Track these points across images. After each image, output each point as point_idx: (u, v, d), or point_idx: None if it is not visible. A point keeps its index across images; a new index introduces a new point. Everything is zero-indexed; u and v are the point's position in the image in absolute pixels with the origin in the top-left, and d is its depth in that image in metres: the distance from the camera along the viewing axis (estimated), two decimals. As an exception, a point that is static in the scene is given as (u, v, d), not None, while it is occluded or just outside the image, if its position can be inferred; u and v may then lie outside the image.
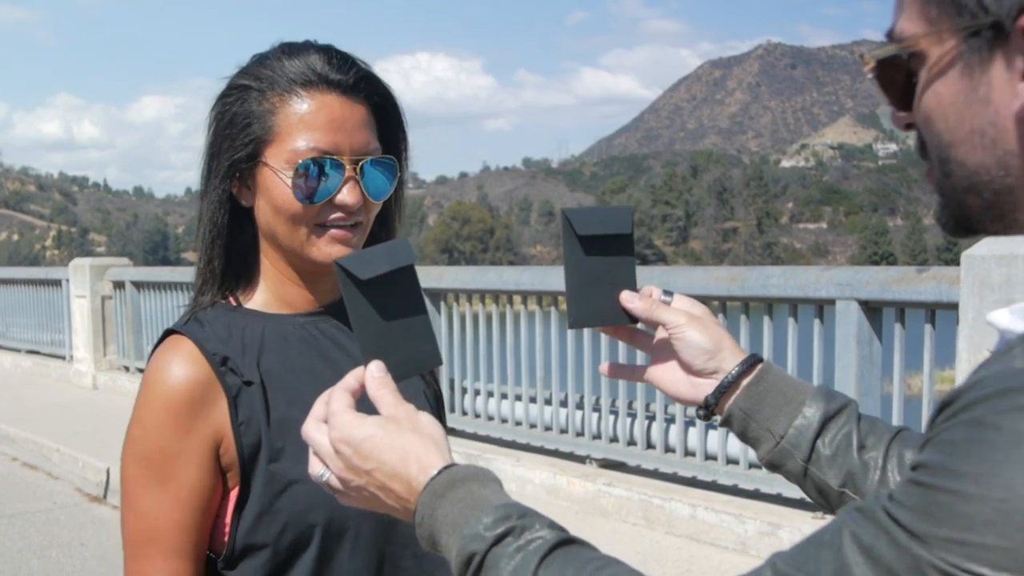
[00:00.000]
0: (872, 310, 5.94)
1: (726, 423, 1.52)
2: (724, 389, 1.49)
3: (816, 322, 6.27)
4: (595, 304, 1.57)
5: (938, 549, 0.82)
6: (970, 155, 0.95)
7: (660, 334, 1.56)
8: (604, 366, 1.71)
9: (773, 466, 1.48)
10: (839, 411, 1.45)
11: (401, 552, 1.76)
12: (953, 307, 5.21)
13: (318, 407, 1.34)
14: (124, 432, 1.69)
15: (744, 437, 1.51)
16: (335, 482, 1.29)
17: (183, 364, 1.66)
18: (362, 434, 1.25)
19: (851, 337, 5.90)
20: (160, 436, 1.64)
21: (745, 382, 1.49)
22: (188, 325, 1.72)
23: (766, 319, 6.56)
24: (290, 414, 1.68)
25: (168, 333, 1.73)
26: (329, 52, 1.71)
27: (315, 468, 1.32)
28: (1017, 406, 0.81)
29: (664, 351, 1.56)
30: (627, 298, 1.55)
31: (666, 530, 6.74)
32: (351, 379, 1.35)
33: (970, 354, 4.93)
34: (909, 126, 1.03)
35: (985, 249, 4.91)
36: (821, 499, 1.46)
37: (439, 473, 1.21)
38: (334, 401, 1.31)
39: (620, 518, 7.08)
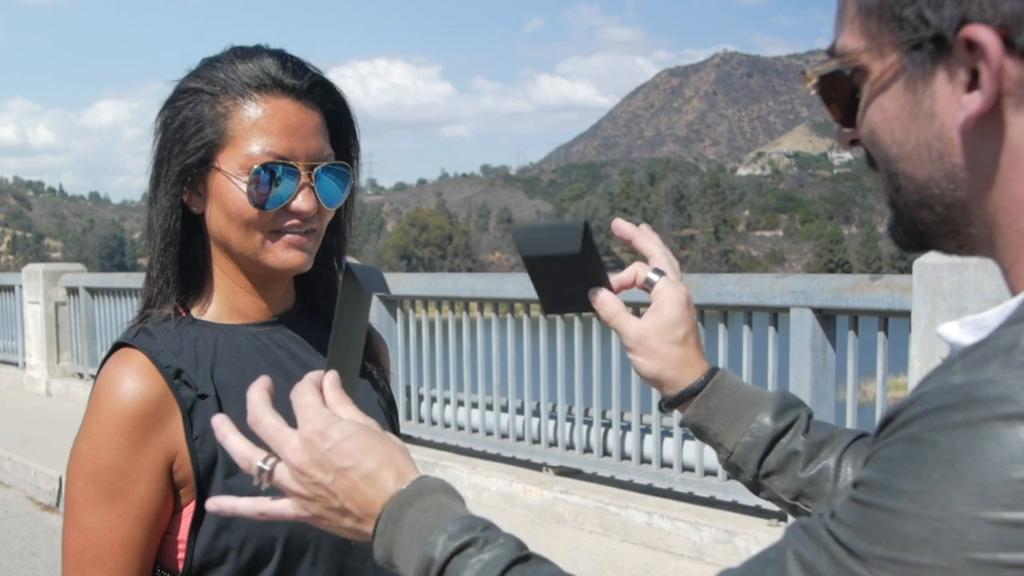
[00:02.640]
0: (826, 318, 5.97)
1: (684, 425, 1.53)
2: (674, 403, 1.50)
3: (771, 329, 6.30)
4: (565, 297, 1.53)
5: (876, 567, 0.82)
6: (919, 169, 0.95)
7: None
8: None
9: (731, 469, 1.50)
10: (790, 426, 1.45)
11: (360, 566, 1.74)
12: (906, 315, 5.26)
13: (262, 395, 1.29)
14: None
15: (704, 441, 1.52)
16: (282, 475, 1.24)
17: (135, 378, 1.63)
18: (342, 433, 1.22)
19: (805, 344, 5.94)
20: (111, 452, 1.60)
21: (696, 398, 1.49)
22: (138, 337, 1.69)
23: (721, 326, 6.58)
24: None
25: (118, 346, 1.70)
26: (283, 56, 1.68)
27: (253, 455, 1.26)
28: (953, 423, 0.81)
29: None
30: (594, 296, 1.51)
31: (622, 538, 6.75)
32: (315, 376, 1.31)
33: (922, 361, 4.98)
34: (853, 142, 1.03)
35: (937, 257, 4.95)
36: (780, 505, 1.48)
37: (412, 483, 1.20)
38: (305, 394, 1.27)
39: (576, 526, 7.09)
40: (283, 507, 1.25)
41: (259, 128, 1.63)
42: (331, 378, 1.32)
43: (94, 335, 13.57)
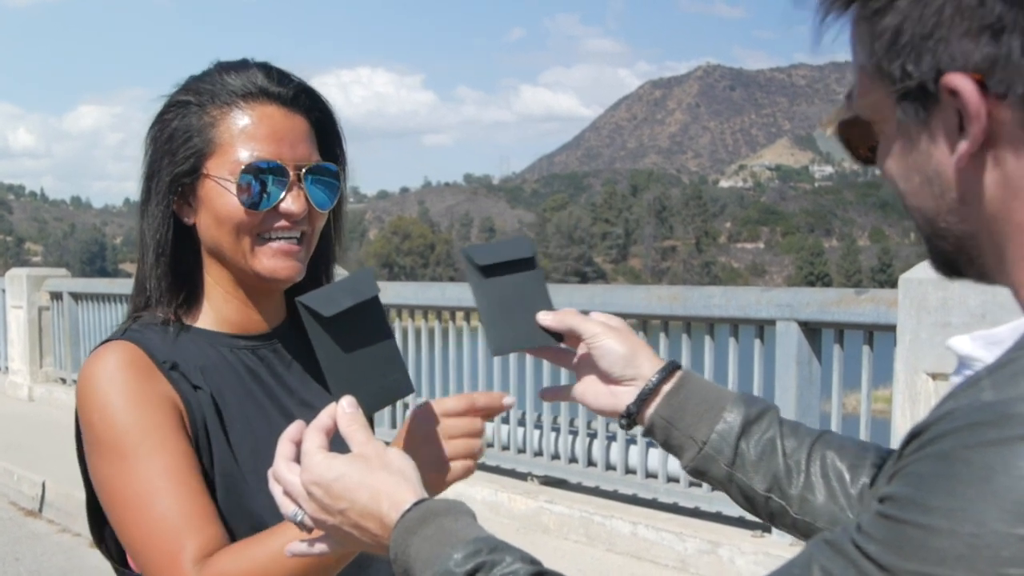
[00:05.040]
0: (811, 331, 6.01)
1: (649, 433, 1.54)
2: (645, 396, 1.51)
3: (756, 342, 6.34)
4: (514, 329, 1.57)
5: None
6: (925, 204, 0.99)
7: (580, 350, 1.58)
8: (540, 392, 1.75)
9: (698, 473, 1.50)
10: (760, 415, 1.47)
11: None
12: (891, 329, 5.30)
13: (285, 446, 1.35)
14: (68, 446, 1.60)
15: (667, 446, 1.52)
16: (309, 522, 1.31)
17: (124, 355, 1.62)
18: (332, 474, 1.26)
19: (791, 357, 5.98)
20: (125, 412, 1.57)
21: (665, 389, 1.51)
22: (127, 334, 1.68)
23: (707, 339, 6.63)
24: (232, 436, 1.67)
25: (104, 344, 1.68)
26: (268, 67, 1.71)
27: (287, 508, 1.32)
28: (987, 440, 0.82)
29: (585, 366, 1.58)
30: (543, 316, 1.56)
31: (607, 547, 6.77)
32: (325, 417, 1.35)
33: (907, 374, 5.02)
34: None
35: (922, 272, 5.01)
36: (747, 504, 1.49)
37: (411, 509, 1.22)
38: (306, 441, 1.32)
39: (561, 535, 7.11)
40: (324, 546, 1.34)
41: (246, 134, 1.65)
42: (343, 406, 1.35)
43: (77, 340, 13.52)
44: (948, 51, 0.92)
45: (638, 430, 1.56)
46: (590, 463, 7.42)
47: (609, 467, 7.27)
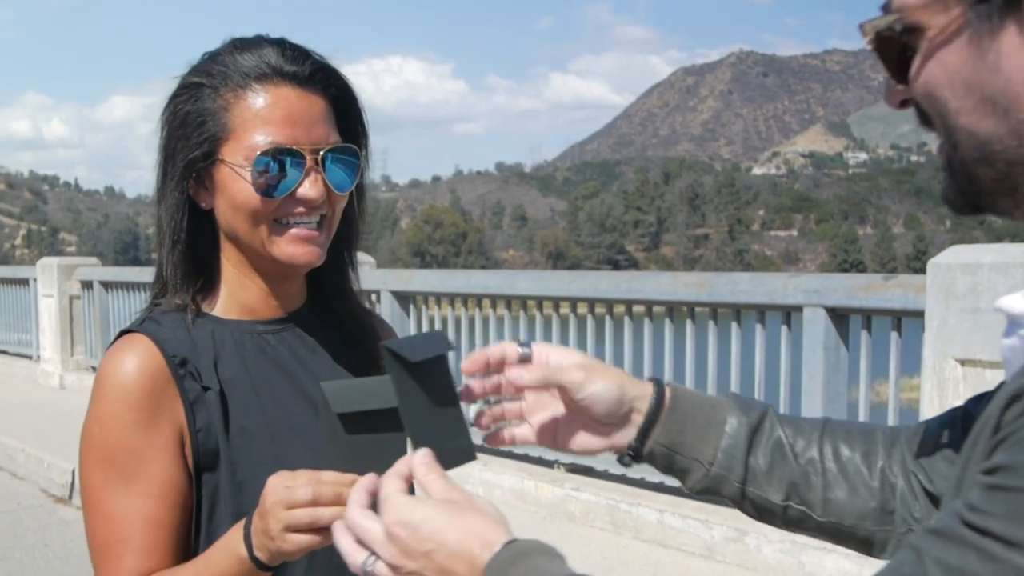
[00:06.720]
0: (839, 317, 5.96)
1: (648, 460, 1.43)
2: (647, 430, 1.40)
3: (783, 328, 6.29)
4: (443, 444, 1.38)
5: None
6: (981, 124, 0.92)
7: (540, 413, 1.48)
8: (486, 438, 1.56)
9: (706, 492, 1.41)
10: (761, 420, 1.39)
11: None
12: (919, 315, 5.24)
13: (359, 494, 1.28)
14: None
15: (670, 471, 1.42)
16: (383, 570, 1.21)
17: (140, 357, 1.61)
18: (419, 516, 1.19)
19: (818, 344, 5.93)
20: (122, 432, 1.58)
21: (660, 416, 1.40)
22: (144, 324, 1.67)
23: (734, 325, 6.58)
24: (246, 425, 1.65)
25: (123, 333, 1.68)
26: (282, 44, 1.66)
27: (357, 556, 1.23)
28: None
29: (555, 422, 1.47)
30: (515, 371, 1.42)
31: (633, 535, 6.75)
32: (401, 466, 1.28)
33: (935, 360, 4.96)
34: (904, 103, 1.00)
35: (951, 258, 4.95)
36: (762, 516, 1.40)
37: (502, 548, 1.15)
38: (386, 485, 1.25)
39: (587, 523, 7.09)
40: None
41: (261, 118, 1.60)
42: (420, 457, 1.29)
43: (108, 329, 13.59)
44: None
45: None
46: (616, 451, 7.38)
47: (636, 455, 7.22)
